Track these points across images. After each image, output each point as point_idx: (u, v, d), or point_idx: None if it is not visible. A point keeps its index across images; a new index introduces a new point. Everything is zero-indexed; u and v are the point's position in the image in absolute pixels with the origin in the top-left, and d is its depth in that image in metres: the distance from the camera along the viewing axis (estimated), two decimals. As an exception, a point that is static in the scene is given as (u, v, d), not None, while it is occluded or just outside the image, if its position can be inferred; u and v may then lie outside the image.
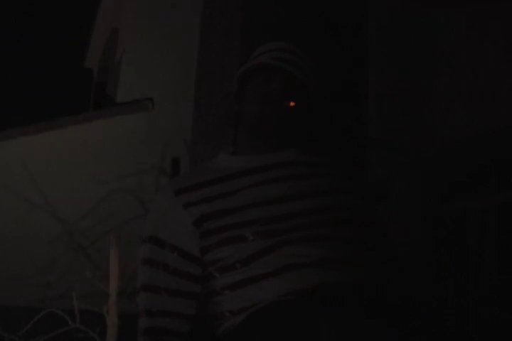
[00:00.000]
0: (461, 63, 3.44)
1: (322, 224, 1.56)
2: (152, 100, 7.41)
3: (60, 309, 5.11)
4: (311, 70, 1.75)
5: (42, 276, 6.47)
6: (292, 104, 1.67)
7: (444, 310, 3.36)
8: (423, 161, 3.56)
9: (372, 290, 1.52)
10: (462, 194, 3.49)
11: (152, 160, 6.80)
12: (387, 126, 3.70)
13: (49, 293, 6.24)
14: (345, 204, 1.63)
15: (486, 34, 3.31)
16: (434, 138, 3.51)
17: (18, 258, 6.72)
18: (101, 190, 6.79)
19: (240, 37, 3.11)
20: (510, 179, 3.21)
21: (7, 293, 6.41)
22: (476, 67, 3.35)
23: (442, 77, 3.52)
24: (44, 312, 5.14)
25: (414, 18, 3.71)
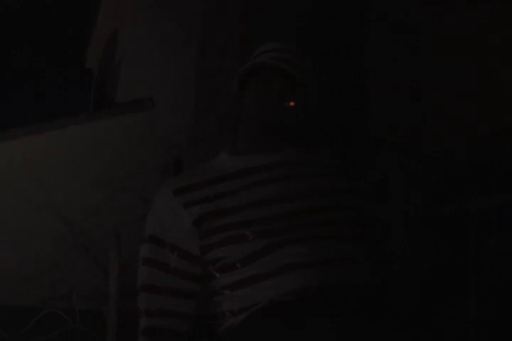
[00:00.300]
0: (462, 63, 3.44)
1: (322, 224, 1.56)
2: (152, 100, 7.40)
3: (60, 309, 5.11)
4: (311, 70, 1.75)
5: (43, 276, 6.46)
6: (292, 104, 1.67)
7: (443, 310, 3.36)
8: (423, 161, 3.56)
9: (372, 290, 1.52)
10: (462, 194, 3.49)
11: (153, 160, 6.79)
12: (387, 126, 3.69)
13: (50, 293, 6.24)
14: (345, 203, 1.63)
15: (487, 33, 3.32)
16: (434, 138, 3.51)
17: (20, 258, 6.70)
18: (102, 190, 6.78)
19: (240, 37, 3.11)
20: (510, 179, 3.21)
21: (7, 293, 6.40)
22: (477, 67, 3.35)
23: (443, 77, 3.52)
24: (44, 312, 5.14)
25: (414, 18, 3.71)
